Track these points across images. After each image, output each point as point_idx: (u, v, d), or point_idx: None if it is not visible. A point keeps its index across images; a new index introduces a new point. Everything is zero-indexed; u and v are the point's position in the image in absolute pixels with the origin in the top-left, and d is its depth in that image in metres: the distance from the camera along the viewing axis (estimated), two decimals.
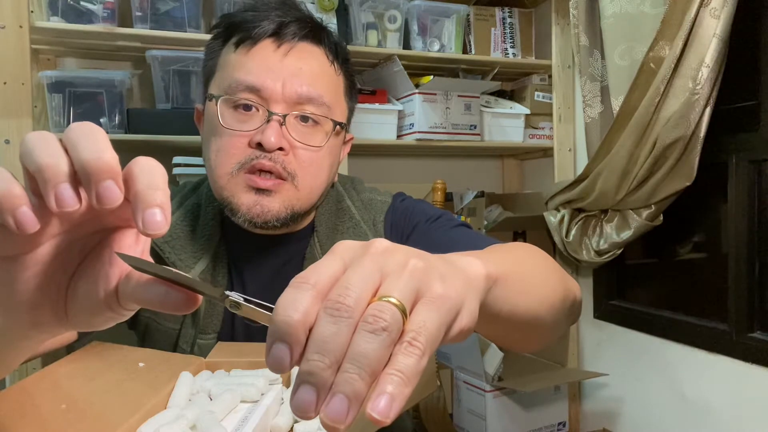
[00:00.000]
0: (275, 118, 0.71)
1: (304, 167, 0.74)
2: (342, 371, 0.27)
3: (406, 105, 1.60)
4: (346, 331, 0.28)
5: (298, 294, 0.29)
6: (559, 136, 1.72)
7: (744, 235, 1.28)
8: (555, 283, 0.54)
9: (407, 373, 0.28)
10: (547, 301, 0.51)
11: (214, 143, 0.74)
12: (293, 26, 0.74)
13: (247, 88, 0.72)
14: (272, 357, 0.28)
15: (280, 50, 0.73)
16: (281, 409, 0.58)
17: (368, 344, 0.27)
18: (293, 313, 0.28)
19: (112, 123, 1.33)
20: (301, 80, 0.73)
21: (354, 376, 0.27)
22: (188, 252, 0.77)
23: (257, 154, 0.71)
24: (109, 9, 1.31)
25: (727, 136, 1.30)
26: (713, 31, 1.18)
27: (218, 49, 0.77)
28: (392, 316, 0.28)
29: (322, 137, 0.75)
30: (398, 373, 0.28)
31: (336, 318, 0.28)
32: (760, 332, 1.26)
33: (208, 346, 0.75)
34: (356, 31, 1.53)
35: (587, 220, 1.55)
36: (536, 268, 0.53)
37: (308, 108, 0.73)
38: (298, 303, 0.29)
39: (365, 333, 0.28)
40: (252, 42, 0.73)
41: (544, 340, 0.56)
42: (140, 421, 0.52)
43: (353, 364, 0.27)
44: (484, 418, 1.52)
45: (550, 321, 0.52)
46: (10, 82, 1.20)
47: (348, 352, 0.28)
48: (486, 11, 1.71)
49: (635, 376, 1.56)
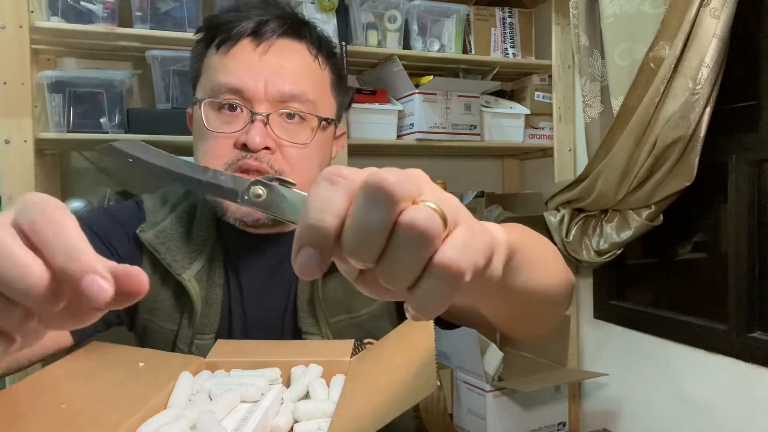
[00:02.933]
0: (259, 118, 0.71)
1: (292, 164, 0.74)
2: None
3: (406, 105, 1.60)
4: (388, 217, 0.26)
5: (332, 193, 0.28)
6: (559, 136, 1.72)
7: (744, 235, 1.28)
8: (559, 261, 0.55)
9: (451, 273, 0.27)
10: (555, 278, 0.51)
11: (201, 146, 0.75)
12: (272, 23, 0.74)
13: (229, 90, 0.72)
14: (300, 263, 0.27)
15: (259, 49, 0.73)
16: (281, 409, 0.58)
17: (409, 249, 0.27)
18: (327, 216, 0.27)
19: (112, 123, 1.32)
20: (284, 78, 0.72)
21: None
22: (183, 252, 0.77)
23: (243, 154, 0.71)
24: (109, 9, 1.31)
25: (727, 136, 1.30)
26: (713, 31, 1.18)
27: (202, 52, 0.77)
28: (432, 217, 0.27)
29: (308, 134, 0.75)
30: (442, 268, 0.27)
31: (377, 201, 0.26)
32: (760, 332, 1.26)
33: (205, 346, 0.75)
34: (356, 31, 1.53)
35: (587, 220, 1.55)
36: (544, 246, 0.54)
37: (292, 105, 0.73)
38: (332, 204, 0.27)
39: (405, 233, 0.27)
40: (232, 42, 0.73)
41: (550, 320, 0.56)
42: (140, 421, 0.52)
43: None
44: (484, 418, 1.52)
45: (557, 299, 0.52)
46: (10, 82, 1.20)
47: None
48: (486, 11, 1.71)
49: (635, 376, 1.56)
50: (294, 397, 0.61)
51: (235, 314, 0.80)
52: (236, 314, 0.80)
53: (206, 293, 0.77)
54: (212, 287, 0.77)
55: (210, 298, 0.77)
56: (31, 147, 1.23)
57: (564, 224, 1.56)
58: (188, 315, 0.77)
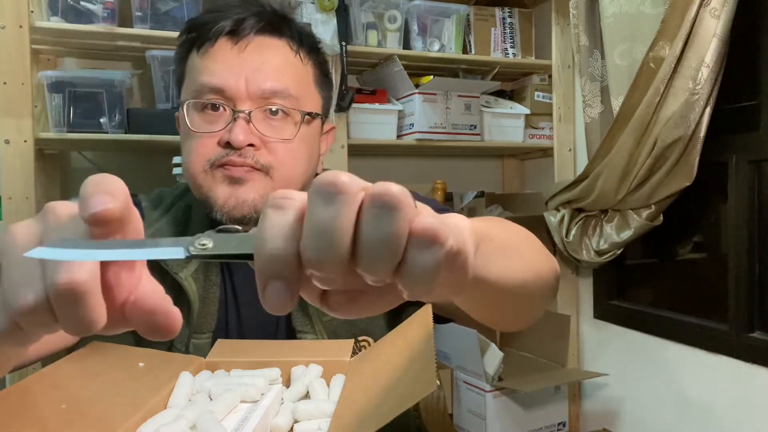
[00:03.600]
0: (241, 116, 0.71)
1: (279, 159, 0.74)
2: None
3: (406, 105, 1.60)
4: (348, 211, 0.25)
5: (282, 217, 0.26)
6: (559, 136, 1.72)
7: (744, 235, 1.28)
8: (539, 251, 0.54)
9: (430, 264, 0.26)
10: (533, 267, 0.50)
11: (186, 146, 0.75)
12: (250, 20, 0.74)
13: (211, 89, 0.72)
14: (269, 300, 0.26)
15: (237, 47, 0.73)
16: (281, 409, 0.58)
17: (382, 221, 0.25)
18: (283, 242, 0.25)
19: (112, 123, 1.33)
20: (264, 75, 0.73)
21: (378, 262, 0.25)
22: None
23: (227, 152, 0.72)
24: (109, 9, 1.31)
25: (727, 136, 1.30)
26: (713, 31, 1.18)
27: (185, 55, 0.78)
28: (401, 191, 0.26)
29: (292, 129, 0.75)
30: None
31: (332, 197, 0.25)
32: (760, 332, 1.26)
33: (202, 346, 0.75)
34: (356, 31, 1.53)
35: (587, 220, 1.55)
36: (520, 236, 0.53)
37: (275, 101, 0.73)
38: (286, 228, 0.26)
39: (374, 209, 0.25)
40: (211, 43, 0.73)
41: (532, 312, 0.56)
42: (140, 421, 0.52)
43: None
44: (484, 418, 1.52)
45: (537, 290, 0.51)
46: (10, 82, 1.20)
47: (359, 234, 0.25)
48: (486, 11, 1.71)
49: (635, 376, 1.56)
50: (294, 397, 0.61)
51: (231, 313, 0.80)
52: (231, 313, 0.80)
53: (203, 292, 0.77)
54: (209, 286, 0.77)
55: (207, 297, 0.77)
56: (31, 147, 1.23)
57: (564, 224, 1.56)
58: (185, 314, 0.77)
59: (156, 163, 1.45)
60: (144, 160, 1.56)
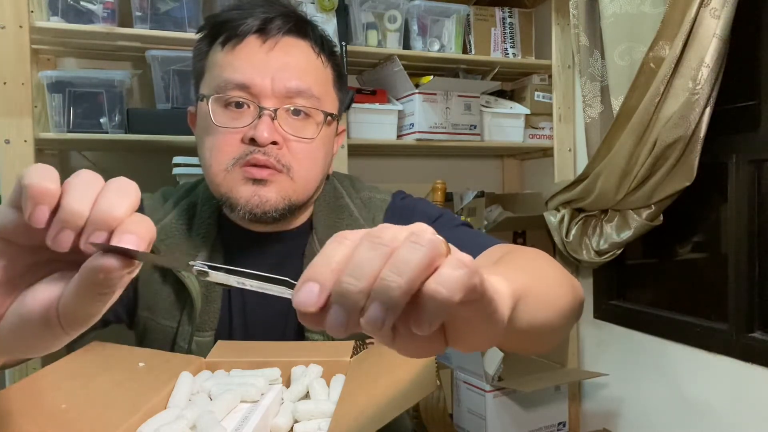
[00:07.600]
0: (266, 113, 0.72)
1: (298, 159, 0.74)
2: (381, 279, 0.28)
3: (406, 105, 1.60)
4: (382, 256, 0.28)
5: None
6: (559, 136, 1.72)
7: (744, 235, 1.28)
8: (567, 290, 0.54)
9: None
10: (561, 311, 0.51)
11: (208, 142, 0.75)
12: (278, 21, 0.74)
13: (236, 86, 0.72)
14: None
15: (266, 45, 0.73)
16: (281, 409, 0.58)
17: (411, 254, 0.28)
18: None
19: (112, 123, 1.33)
20: (290, 74, 0.73)
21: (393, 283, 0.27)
22: (183, 249, 0.77)
23: (251, 149, 0.72)
24: (109, 9, 1.31)
25: (727, 136, 1.30)
26: (713, 31, 1.18)
27: (206, 50, 0.78)
28: (432, 235, 0.29)
29: (314, 129, 0.76)
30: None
31: (375, 244, 0.29)
32: (760, 332, 1.26)
33: (205, 344, 0.76)
34: (356, 31, 1.53)
35: (587, 220, 1.55)
36: (551, 279, 0.54)
37: (298, 101, 0.74)
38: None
39: (408, 243, 0.28)
40: (238, 40, 0.74)
41: (553, 344, 0.56)
42: (140, 421, 0.52)
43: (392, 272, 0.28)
44: (484, 418, 1.52)
45: (562, 328, 0.52)
46: (10, 82, 1.20)
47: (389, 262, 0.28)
48: (486, 11, 1.71)
49: (635, 376, 1.56)
50: (294, 397, 0.61)
51: (236, 312, 0.80)
52: (236, 312, 0.80)
53: (206, 290, 0.77)
54: (212, 285, 0.77)
55: (209, 295, 0.77)
56: (31, 147, 1.23)
57: (564, 224, 1.56)
58: (188, 312, 0.77)
59: (156, 163, 1.45)
60: (144, 160, 1.56)
